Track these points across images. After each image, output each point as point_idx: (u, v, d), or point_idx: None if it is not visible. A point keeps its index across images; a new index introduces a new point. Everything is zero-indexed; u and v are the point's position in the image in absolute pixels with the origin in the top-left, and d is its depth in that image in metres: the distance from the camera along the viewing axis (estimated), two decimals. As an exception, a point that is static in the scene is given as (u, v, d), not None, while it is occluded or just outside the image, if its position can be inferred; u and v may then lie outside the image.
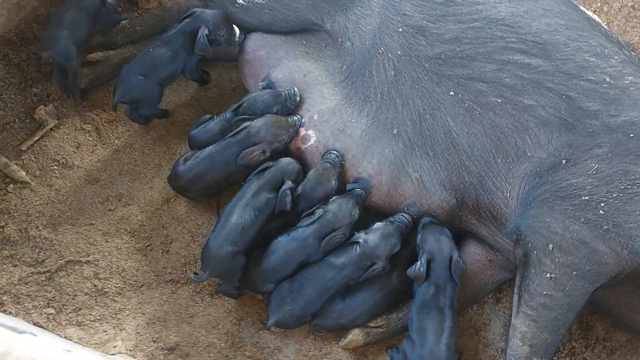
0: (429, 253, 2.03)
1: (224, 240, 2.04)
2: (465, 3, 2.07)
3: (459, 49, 2.04)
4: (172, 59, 2.31)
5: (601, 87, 1.96)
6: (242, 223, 2.05)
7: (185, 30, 2.30)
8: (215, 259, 2.04)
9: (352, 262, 2.06)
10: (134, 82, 2.28)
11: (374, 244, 2.06)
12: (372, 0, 2.17)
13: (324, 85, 2.23)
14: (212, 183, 2.24)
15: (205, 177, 2.21)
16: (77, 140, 2.41)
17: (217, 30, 2.29)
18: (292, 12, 2.28)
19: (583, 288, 1.89)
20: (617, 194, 1.87)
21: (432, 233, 2.04)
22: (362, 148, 2.15)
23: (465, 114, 2.03)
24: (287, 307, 2.06)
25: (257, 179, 2.13)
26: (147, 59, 2.30)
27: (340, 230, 2.07)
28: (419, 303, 2.04)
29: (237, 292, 2.16)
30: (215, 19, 2.29)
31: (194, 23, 2.30)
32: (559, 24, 2.02)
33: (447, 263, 2.01)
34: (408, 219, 2.11)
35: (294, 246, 2.07)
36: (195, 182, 2.23)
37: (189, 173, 2.22)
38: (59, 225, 2.25)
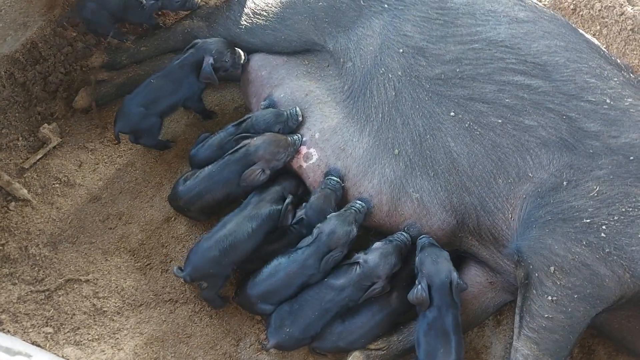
0: (428, 277, 2.01)
1: (214, 244, 2.06)
2: (465, 24, 2.09)
3: (459, 69, 2.05)
4: (175, 90, 2.34)
5: (601, 108, 1.96)
6: (237, 233, 2.07)
7: (189, 61, 2.33)
8: (201, 260, 2.06)
9: (352, 283, 2.05)
10: (134, 113, 2.31)
11: (373, 263, 2.05)
12: (373, 21, 2.20)
13: (326, 105, 2.25)
14: (212, 202, 2.24)
15: (205, 196, 2.22)
16: (79, 159, 2.43)
17: (221, 57, 2.32)
18: (294, 32, 2.30)
19: (585, 310, 1.86)
20: (618, 217, 1.86)
21: (429, 256, 2.02)
22: (363, 167, 2.15)
23: (465, 134, 2.03)
24: (287, 329, 2.04)
25: (259, 194, 2.16)
26: (148, 90, 2.33)
27: (337, 250, 2.06)
28: (425, 326, 2.01)
29: (219, 302, 2.16)
30: (218, 46, 2.32)
31: (198, 53, 2.32)
32: (558, 45, 2.03)
33: (447, 286, 1.99)
34: (407, 237, 2.10)
35: (295, 268, 2.06)
36: (195, 202, 2.23)
37: (189, 193, 2.22)
38: (59, 244, 2.26)
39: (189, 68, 2.33)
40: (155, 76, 2.36)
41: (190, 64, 2.33)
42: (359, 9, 2.21)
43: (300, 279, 2.07)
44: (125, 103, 2.33)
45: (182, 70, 2.33)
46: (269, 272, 2.09)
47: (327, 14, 2.24)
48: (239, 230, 2.08)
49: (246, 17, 2.38)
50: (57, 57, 2.51)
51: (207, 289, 2.12)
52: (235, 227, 2.08)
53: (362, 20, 2.21)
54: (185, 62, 2.33)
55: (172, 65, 2.35)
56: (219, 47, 2.32)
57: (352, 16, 2.22)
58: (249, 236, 2.09)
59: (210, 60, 2.30)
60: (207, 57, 2.30)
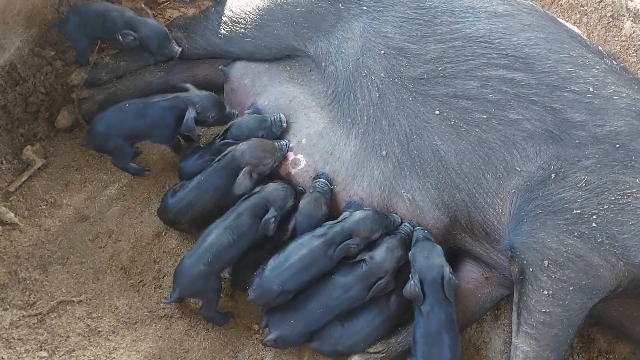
0: (420, 272, 2.00)
1: (198, 259, 2.04)
2: (444, 23, 2.08)
3: (441, 68, 2.04)
4: (150, 128, 2.28)
5: (585, 98, 1.96)
6: (219, 244, 2.04)
7: (170, 106, 2.27)
8: (187, 277, 2.04)
9: (359, 280, 2.04)
10: (100, 133, 2.28)
11: (380, 258, 2.04)
12: (353, 24, 2.18)
13: (311, 110, 2.24)
14: (203, 211, 2.22)
15: (195, 206, 2.20)
16: (65, 179, 2.40)
17: (205, 112, 2.26)
18: (274, 39, 2.29)
19: (582, 302, 1.86)
20: (608, 205, 1.86)
21: (422, 251, 2.02)
22: (352, 171, 2.14)
23: (451, 132, 2.02)
24: (292, 321, 2.02)
25: (242, 203, 2.13)
26: (121, 114, 2.28)
27: (354, 239, 2.05)
28: (420, 324, 2.00)
29: (219, 318, 2.14)
30: (204, 101, 2.26)
31: (181, 102, 2.27)
32: (538, 37, 2.03)
33: (438, 282, 1.98)
34: (409, 227, 2.10)
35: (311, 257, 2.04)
36: (185, 213, 2.21)
37: (178, 204, 2.20)
38: (49, 266, 2.23)
39: (169, 112, 2.26)
40: (131, 102, 2.30)
41: (171, 108, 2.26)
42: (337, 12, 2.21)
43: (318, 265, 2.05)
44: (94, 121, 2.29)
45: (158, 111, 2.26)
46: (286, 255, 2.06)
47: (306, 19, 2.23)
48: (220, 241, 2.05)
49: (224, 26, 2.36)
50: (37, 78, 2.48)
51: (204, 306, 2.10)
52: (216, 239, 2.05)
53: (341, 23, 2.20)
54: (166, 106, 2.26)
55: (152, 101, 2.28)
56: (205, 102, 2.26)
57: (332, 20, 2.21)
58: (230, 245, 2.06)
59: (193, 113, 2.23)
60: (190, 109, 2.23)
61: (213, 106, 2.28)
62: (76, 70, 2.48)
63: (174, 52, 2.37)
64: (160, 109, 2.27)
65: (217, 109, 2.28)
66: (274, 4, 2.28)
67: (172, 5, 2.75)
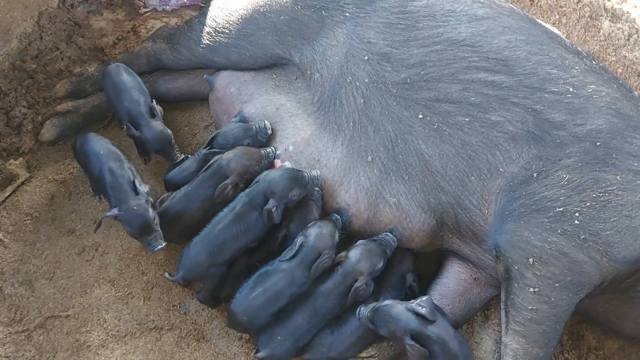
0: (403, 334, 1.93)
1: (203, 247, 2.05)
2: (426, 27, 2.10)
3: (423, 72, 2.06)
4: None
5: (565, 98, 1.99)
6: (225, 236, 2.05)
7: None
8: (192, 262, 2.06)
9: (336, 284, 2.04)
10: None
11: (354, 258, 2.04)
12: (337, 31, 2.19)
13: (297, 117, 2.24)
14: (191, 222, 2.20)
15: (183, 217, 2.19)
16: (50, 192, 2.38)
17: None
18: (259, 48, 2.29)
19: (568, 298, 1.88)
20: (590, 203, 1.88)
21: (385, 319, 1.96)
22: (339, 177, 2.15)
23: (435, 136, 2.04)
24: (279, 338, 2.01)
25: (246, 195, 2.11)
26: None
27: (325, 254, 2.03)
28: None
29: (212, 302, 2.16)
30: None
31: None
32: (518, 39, 2.05)
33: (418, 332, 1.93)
34: (392, 238, 2.09)
35: (284, 282, 2.02)
36: (174, 224, 2.20)
37: (166, 215, 2.19)
38: (35, 281, 2.20)
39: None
40: None
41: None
42: (321, 19, 2.22)
43: (290, 290, 2.03)
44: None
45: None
46: (258, 288, 2.04)
47: (290, 27, 2.24)
48: (227, 232, 2.06)
49: (208, 36, 2.36)
50: (19, 91, 2.47)
51: (202, 291, 2.12)
52: (225, 230, 2.06)
53: (325, 30, 2.21)
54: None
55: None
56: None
57: (315, 27, 2.22)
58: (236, 237, 2.07)
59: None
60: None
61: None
62: (60, 83, 2.47)
63: (174, 159, 2.29)
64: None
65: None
66: (257, 13, 2.28)
67: (154, 16, 2.75)
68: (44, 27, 2.55)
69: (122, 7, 2.74)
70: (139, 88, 2.32)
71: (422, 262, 2.27)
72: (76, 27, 2.66)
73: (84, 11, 2.70)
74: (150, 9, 2.76)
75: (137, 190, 2.07)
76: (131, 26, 2.72)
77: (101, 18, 2.70)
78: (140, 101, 2.28)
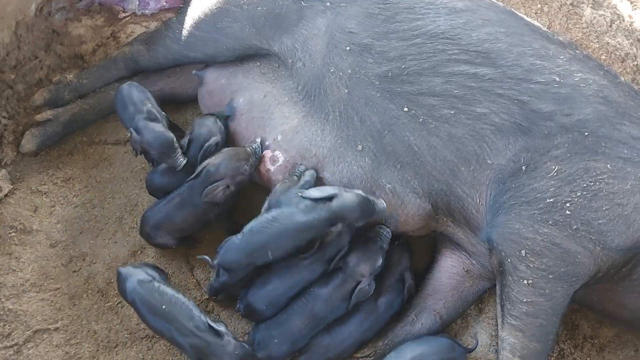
0: None
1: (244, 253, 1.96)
2: (405, 20, 2.07)
3: (404, 66, 2.03)
4: None
5: (552, 88, 1.97)
6: (261, 242, 1.95)
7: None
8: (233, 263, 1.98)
9: (337, 287, 2.01)
10: None
11: (353, 263, 2.01)
12: (317, 20, 2.16)
13: (284, 105, 2.21)
14: (182, 224, 2.18)
15: (174, 219, 2.16)
16: (34, 204, 2.34)
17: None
18: (235, 41, 2.26)
19: (563, 290, 1.86)
20: (580, 193, 1.86)
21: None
22: (330, 165, 2.12)
23: (421, 128, 2.02)
24: (275, 341, 1.99)
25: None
26: None
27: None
28: None
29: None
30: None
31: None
32: (499, 31, 2.03)
33: None
34: (387, 230, 2.07)
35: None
36: (163, 225, 2.17)
37: (156, 216, 2.17)
38: (22, 295, 2.16)
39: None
40: None
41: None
42: (300, 10, 2.18)
43: None
44: None
45: None
46: None
47: (267, 18, 2.20)
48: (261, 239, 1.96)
49: (185, 32, 2.32)
50: (-2, 102, 2.42)
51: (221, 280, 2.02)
52: (261, 237, 1.96)
53: (305, 20, 2.17)
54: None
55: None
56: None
57: (294, 18, 2.18)
58: None
59: None
60: None
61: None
62: (38, 92, 2.42)
63: (177, 163, 2.19)
64: None
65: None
66: (234, 6, 2.24)
67: (133, 20, 2.70)
68: (22, 37, 2.50)
69: (101, 13, 2.69)
70: (145, 98, 2.26)
71: (415, 257, 2.25)
72: (55, 35, 2.61)
73: (62, 18, 2.65)
74: (129, 14, 2.71)
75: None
76: (110, 32, 2.67)
77: (80, 25, 2.66)
78: (142, 108, 2.22)
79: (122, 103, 2.26)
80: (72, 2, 2.66)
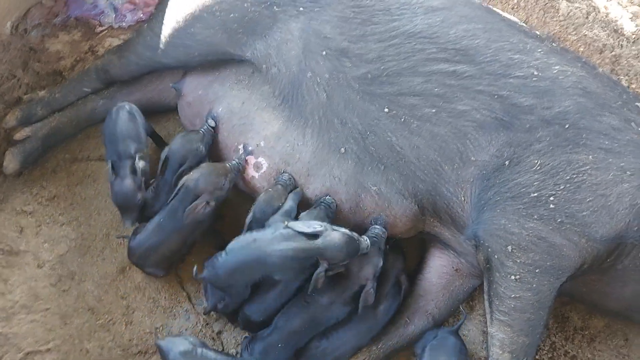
0: None
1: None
2: (382, 21, 2.07)
3: (383, 67, 2.03)
4: None
5: (531, 81, 1.97)
6: (240, 262, 1.94)
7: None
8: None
9: (340, 293, 2.00)
10: None
11: (357, 267, 2.00)
12: (291, 25, 2.15)
13: (264, 111, 2.20)
14: (169, 252, 2.16)
15: (160, 248, 2.14)
16: (19, 224, 2.32)
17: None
18: (207, 47, 2.24)
19: (549, 283, 1.87)
20: (564, 185, 1.87)
21: None
22: (314, 170, 2.11)
23: (403, 129, 2.02)
24: (279, 345, 1.98)
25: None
26: None
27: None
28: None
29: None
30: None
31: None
32: (476, 28, 2.03)
33: None
34: (382, 230, 2.06)
35: None
36: (150, 255, 2.15)
37: (141, 247, 2.14)
38: (12, 317, 2.14)
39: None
40: None
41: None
42: (273, 15, 2.17)
43: None
44: None
45: None
46: None
47: (240, 24, 2.19)
48: None
49: (157, 39, 2.30)
50: (-23, 124, 2.39)
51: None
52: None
53: (278, 25, 2.16)
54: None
55: None
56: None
57: (267, 23, 2.17)
58: None
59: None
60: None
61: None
62: (10, 113, 2.39)
63: (125, 223, 2.21)
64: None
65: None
66: (206, 13, 2.22)
67: (110, 34, 2.68)
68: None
69: (78, 28, 2.67)
70: (135, 137, 2.24)
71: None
72: (32, 52, 2.59)
73: (39, 35, 2.62)
74: (106, 27, 2.69)
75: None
76: (88, 46, 2.65)
77: (57, 41, 2.63)
78: (126, 154, 2.20)
79: (110, 132, 2.24)
80: (47, 18, 2.64)
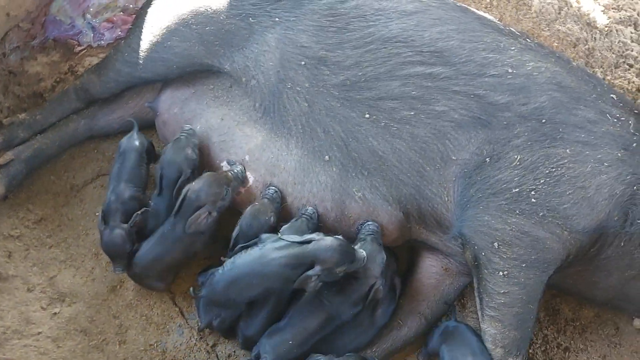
0: None
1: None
2: (357, 28, 2.10)
3: (361, 73, 2.06)
4: None
5: (506, 79, 2.01)
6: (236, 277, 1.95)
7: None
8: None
9: (351, 293, 2.00)
10: None
11: (362, 269, 1.99)
12: (267, 36, 2.17)
13: (245, 125, 2.21)
14: (173, 264, 2.16)
15: (164, 260, 2.14)
16: (7, 249, 2.31)
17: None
18: (184, 59, 2.26)
19: (536, 277, 1.90)
20: (544, 179, 1.90)
21: None
22: (300, 178, 2.13)
23: (384, 133, 2.04)
24: (290, 342, 1.97)
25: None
26: None
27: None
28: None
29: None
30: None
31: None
32: (450, 29, 2.07)
33: None
34: (375, 225, 2.07)
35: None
36: (153, 268, 2.14)
37: (144, 260, 2.14)
38: (5, 343, 2.12)
39: None
40: None
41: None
42: (249, 27, 2.19)
43: None
44: None
45: None
46: None
47: (216, 36, 2.20)
48: None
49: (134, 53, 2.32)
50: (-41, 150, 2.38)
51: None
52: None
53: (255, 37, 2.18)
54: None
55: None
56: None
57: (244, 35, 2.19)
58: None
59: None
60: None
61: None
62: None
63: (115, 268, 2.18)
64: None
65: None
66: (183, 26, 2.24)
67: (90, 53, 2.68)
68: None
69: (56, 49, 2.67)
70: (137, 181, 2.24)
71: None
72: (11, 76, 2.58)
73: (17, 58, 2.62)
74: (85, 47, 2.69)
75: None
76: (68, 67, 2.65)
77: (36, 63, 2.63)
78: (124, 197, 2.20)
79: (116, 171, 2.24)
80: (26, 41, 2.63)
